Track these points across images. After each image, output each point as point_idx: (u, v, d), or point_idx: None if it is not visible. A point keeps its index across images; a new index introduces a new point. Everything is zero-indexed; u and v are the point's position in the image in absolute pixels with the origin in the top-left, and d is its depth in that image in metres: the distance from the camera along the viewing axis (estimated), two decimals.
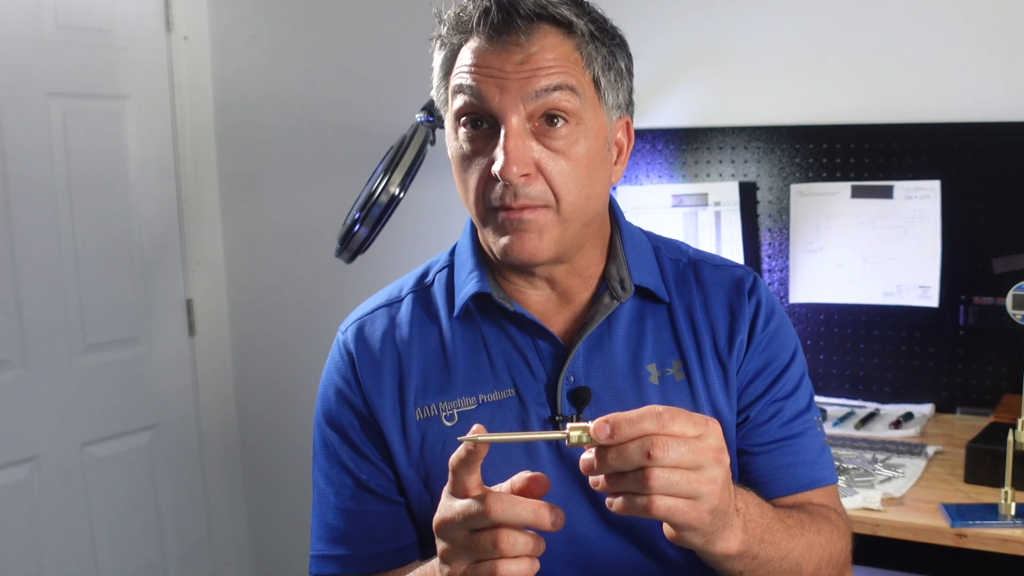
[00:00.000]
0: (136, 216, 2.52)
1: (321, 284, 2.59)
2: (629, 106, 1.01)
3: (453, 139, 0.96)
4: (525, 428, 0.99)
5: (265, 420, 2.78)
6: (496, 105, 0.90)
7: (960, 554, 1.42)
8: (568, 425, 0.74)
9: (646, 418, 0.72)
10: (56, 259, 2.33)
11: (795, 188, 2.01)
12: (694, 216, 2.08)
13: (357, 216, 1.53)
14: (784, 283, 2.04)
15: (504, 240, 0.93)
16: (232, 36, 2.64)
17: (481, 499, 0.75)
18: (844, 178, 1.98)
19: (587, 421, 0.98)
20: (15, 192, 2.24)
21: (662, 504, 0.72)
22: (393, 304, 1.07)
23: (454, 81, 0.94)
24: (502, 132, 0.90)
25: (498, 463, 0.95)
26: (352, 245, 1.56)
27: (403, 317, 1.05)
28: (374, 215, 1.52)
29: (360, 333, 1.06)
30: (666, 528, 0.78)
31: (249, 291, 2.74)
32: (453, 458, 0.77)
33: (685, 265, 1.08)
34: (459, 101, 0.93)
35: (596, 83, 0.95)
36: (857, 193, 1.96)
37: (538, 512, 0.75)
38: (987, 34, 1.87)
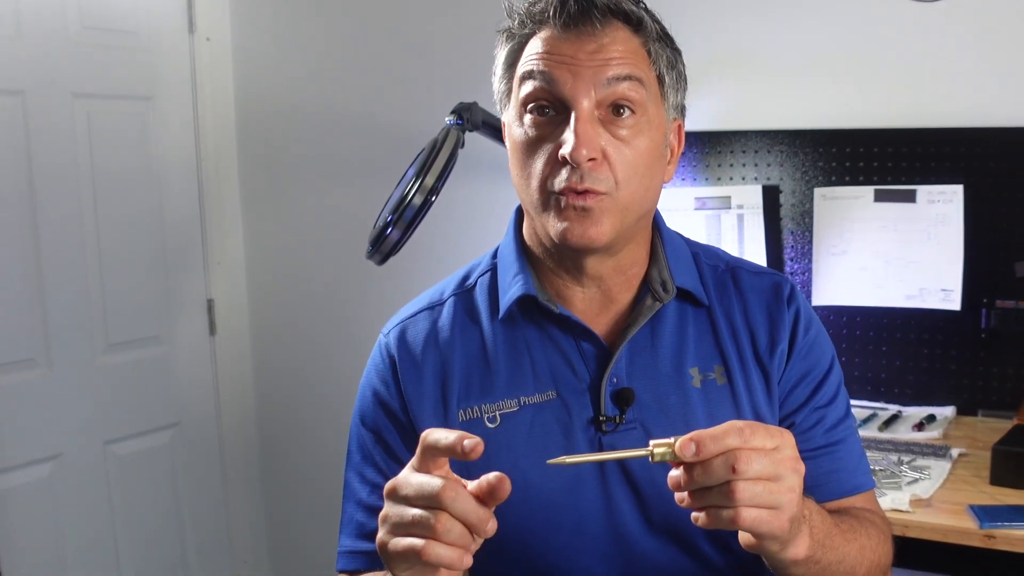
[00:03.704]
0: (158, 216, 2.54)
1: (340, 284, 2.61)
2: (683, 110, 1.04)
3: (517, 126, 0.98)
4: (568, 429, 1.00)
5: (284, 419, 2.79)
6: (568, 90, 0.93)
7: (988, 555, 1.44)
8: (651, 442, 0.76)
9: (729, 434, 0.74)
10: (80, 259, 2.35)
11: (818, 192, 2.02)
12: (716, 219, 2.09)
13: (390, 219, 1.54)
14: (806, 286, 2.05)
15: (564, 224, 0.95)
16: (254, 37, 2.66)
17: (442, 480, 0.74)
18: (867, 182, 1.99)
19: (633, 422, 1.00)
20: (40, 192, 2.25)
21: (748, 515, 0.74)
22: (435, 307, 1.09)
23: (523, 69, 0.97)
24: (572, 117, 0.93)
25: (538, 460, 0.96)
26: (384, 247, 1.57)
27: (445, 320, 1.07)
28: (407, 218, 1.53)
29: (402, 336, 1.07)
30: (743, 537, 0.79)
31: (269, 291, 2.76)
32: (432, 438, 0.75)
33: (723, 271, 1.09)
34: (528, 87, 0.95)
35: (660, 80, 0.98)
36: (880, 197, 1.97)
37: (481, 517, 0.74)
38: (1011, 40, 1.88)
